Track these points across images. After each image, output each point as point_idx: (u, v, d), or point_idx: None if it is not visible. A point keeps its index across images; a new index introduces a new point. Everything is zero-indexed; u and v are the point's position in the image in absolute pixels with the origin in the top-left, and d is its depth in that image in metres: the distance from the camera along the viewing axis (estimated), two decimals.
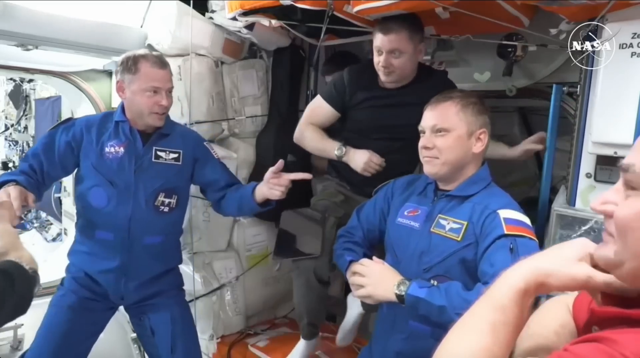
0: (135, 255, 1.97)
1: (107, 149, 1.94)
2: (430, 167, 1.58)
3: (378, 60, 1.96)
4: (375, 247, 1.85)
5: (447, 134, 1.54)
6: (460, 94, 1.60)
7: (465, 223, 1.50)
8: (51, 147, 1.93)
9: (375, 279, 1.53)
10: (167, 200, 1.97)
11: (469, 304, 1.29)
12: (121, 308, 2.15)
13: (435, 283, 1.47)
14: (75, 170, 2.04)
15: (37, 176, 1.89)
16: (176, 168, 2.01)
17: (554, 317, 0.93)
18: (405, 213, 1.67)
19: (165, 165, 1.99)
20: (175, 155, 2.01)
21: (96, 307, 2.01)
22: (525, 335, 0.86)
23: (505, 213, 1.45)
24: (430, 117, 1.58)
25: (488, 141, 1.59)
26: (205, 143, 2.14)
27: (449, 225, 1.53)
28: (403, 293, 1.44)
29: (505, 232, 1.41)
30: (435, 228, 1.56)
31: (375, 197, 1.86)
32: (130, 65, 1.88)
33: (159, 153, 1.98)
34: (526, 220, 1.48)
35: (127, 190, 1.93)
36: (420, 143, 1.60)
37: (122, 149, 1.94)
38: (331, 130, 2.23)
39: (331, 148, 2.08)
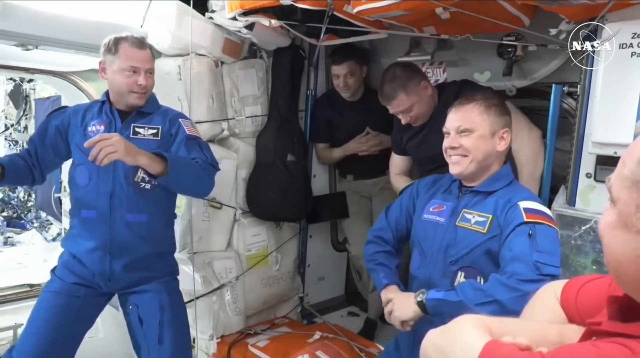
0: (118, 233, 1.96)
1: (89, 128, 2.01)
2: (457, 166, 1.65)
3: (400, 118, 2.19)
4: (402, 246, 1.97)
5: (471, 133, 1.62)
6: (482, 96, 1.68)
7: (491, 216, 1.58)
8: (44, 132, 2.06)
9: (398, 303, 1.64)
10: (147, 177, 1.95)
11: (484, 293, 1.42)
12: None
13: (463, 274, 1.58)
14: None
15: (32, 159, 2.03)
16: (155, 143, 2.01)
17: (545, 308, 0.96)
18: (431, 209, 1.75)
19: (144, 141, 1.98)
20: (154, 131, 2.02)
21: (84, 292, 1.99)
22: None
23: (525, 203, 1.53)
24: (454, 119, 1.66)
25: (511, 140, 1.66)
26: (181, 119, 2.11)
27: (475, 219, 1.61)
28: (423, 299, 1.54)
29: (525, 220, 1.48)
30: (460, 222, 1.64)
31: (401, 197, 1.95)
32: (111, 46, 1.95)
33: (137, 129, 2.00)
34: (546, 210, 1.55)
35: (106, 167, 1.93)
36: (445, 144, 1.68)
37: (102, 127, 2.00)
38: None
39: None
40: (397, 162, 2.49)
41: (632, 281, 0.67)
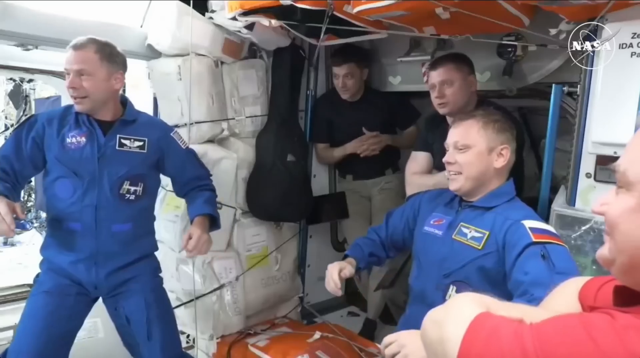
0: (103, 243, 1.96)
1: (68, 140, 1.93)
2: (454, 183, 1.67)
3: (434, 94, 2.12)
4: (400, 250, 2.03)
5: (468, 149, 1.62)
6: (482, 112, 1.70)
7: (487, 232, 1.57)
8: (19, 147, 1.93)
9: (413, 348, 1.33)
10: (132, 188, 1.96)
11: None
12: None
13: (455, 288, 1.57)
14: None
15: (11, 178, 1.89)
16: (141, 156, 2.00)
17: (565, 301, 0.95)
18: (431, 222, 1.77)
19: (130, 153, 1.98)
20: (140, 143, 2.00)
21: (72, 291, 1.99)
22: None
23: (529, 223, 1.50)
24: (453, 135, 1.68)
25: (511, 157, 1.65)
26: (172, 133, 2.11)
27: (471, 234, 1.61)
28: None
29: (534, 240, 1.44)
30: (457, 236, 1.64)
31: (404, 205, 1.99)
32: None
33: (123, 141, 1.97)
34: (552, 229, 1.53)
35: (91, 180, 1.93)
36: (444, 159, 1.70)
37: (83, 139, 1.93)
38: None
39: (442, 175, 2.06)
40: (419, 159, 2.39)
41: None
